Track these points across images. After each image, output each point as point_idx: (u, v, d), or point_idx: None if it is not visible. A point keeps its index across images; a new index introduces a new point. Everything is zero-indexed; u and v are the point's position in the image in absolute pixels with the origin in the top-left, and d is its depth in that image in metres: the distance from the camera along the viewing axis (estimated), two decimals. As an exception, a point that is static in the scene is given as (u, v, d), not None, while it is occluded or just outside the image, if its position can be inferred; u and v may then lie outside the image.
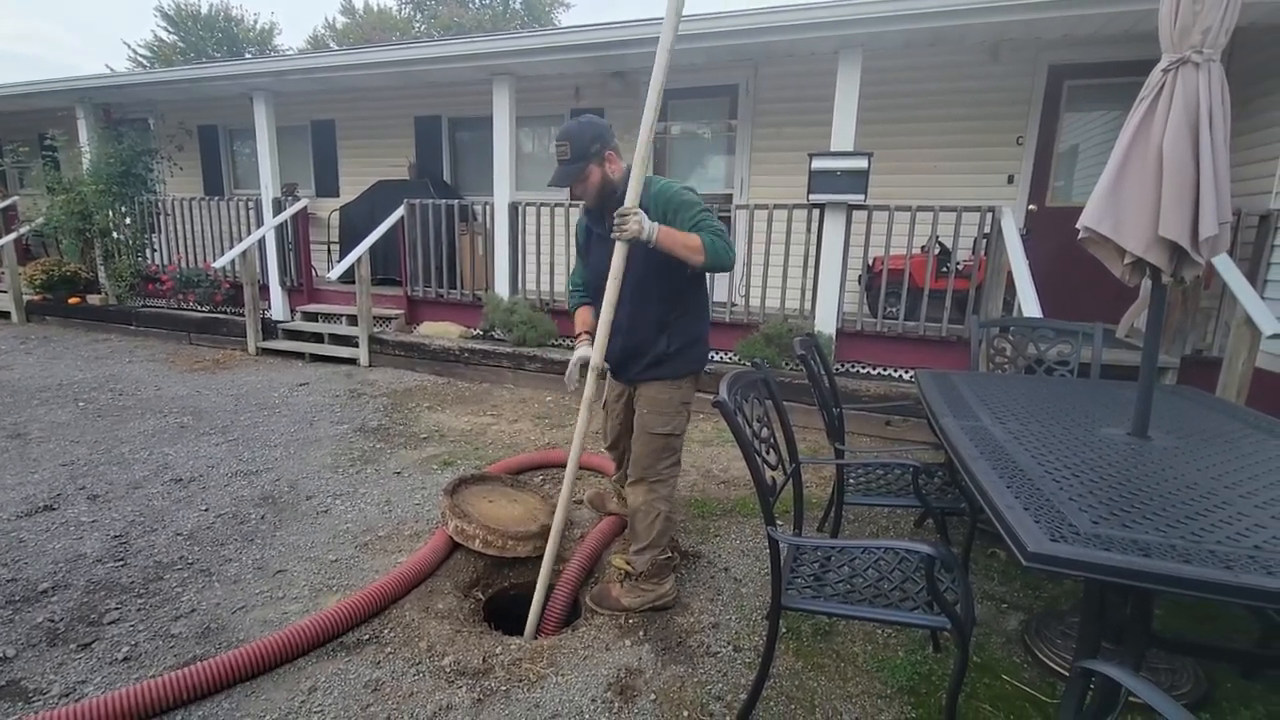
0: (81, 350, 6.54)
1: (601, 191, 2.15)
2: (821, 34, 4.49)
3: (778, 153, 6.17)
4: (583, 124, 2.10)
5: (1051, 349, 3.14)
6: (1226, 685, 1.99)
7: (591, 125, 2.10)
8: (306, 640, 2.04)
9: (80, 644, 2.10)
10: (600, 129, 2.10)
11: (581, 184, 2.13)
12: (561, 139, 2.08)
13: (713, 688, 1.96)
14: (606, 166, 2.12)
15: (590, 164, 2.09)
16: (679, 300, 2.26)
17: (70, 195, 7.44)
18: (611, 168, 2.13)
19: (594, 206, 2.23)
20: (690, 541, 2.85)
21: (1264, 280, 4.05)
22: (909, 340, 4.75)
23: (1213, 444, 1.96)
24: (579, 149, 2.07)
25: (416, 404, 4.90)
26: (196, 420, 4.38)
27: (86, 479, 3.40)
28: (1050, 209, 5.44)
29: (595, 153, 2.08)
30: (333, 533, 2.88)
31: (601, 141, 2.09)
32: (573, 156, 2.08)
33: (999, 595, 2.49)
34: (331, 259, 7.68)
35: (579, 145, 2.07)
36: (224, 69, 6.69)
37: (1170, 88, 1.78)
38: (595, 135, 2.08)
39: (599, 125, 2.11)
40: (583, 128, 2.09)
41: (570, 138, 2.07)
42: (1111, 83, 5.15)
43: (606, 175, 2.13)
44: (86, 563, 2.59)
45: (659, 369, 2.29)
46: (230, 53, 20.42)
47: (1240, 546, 1.25)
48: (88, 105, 7.67)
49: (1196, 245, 1.77)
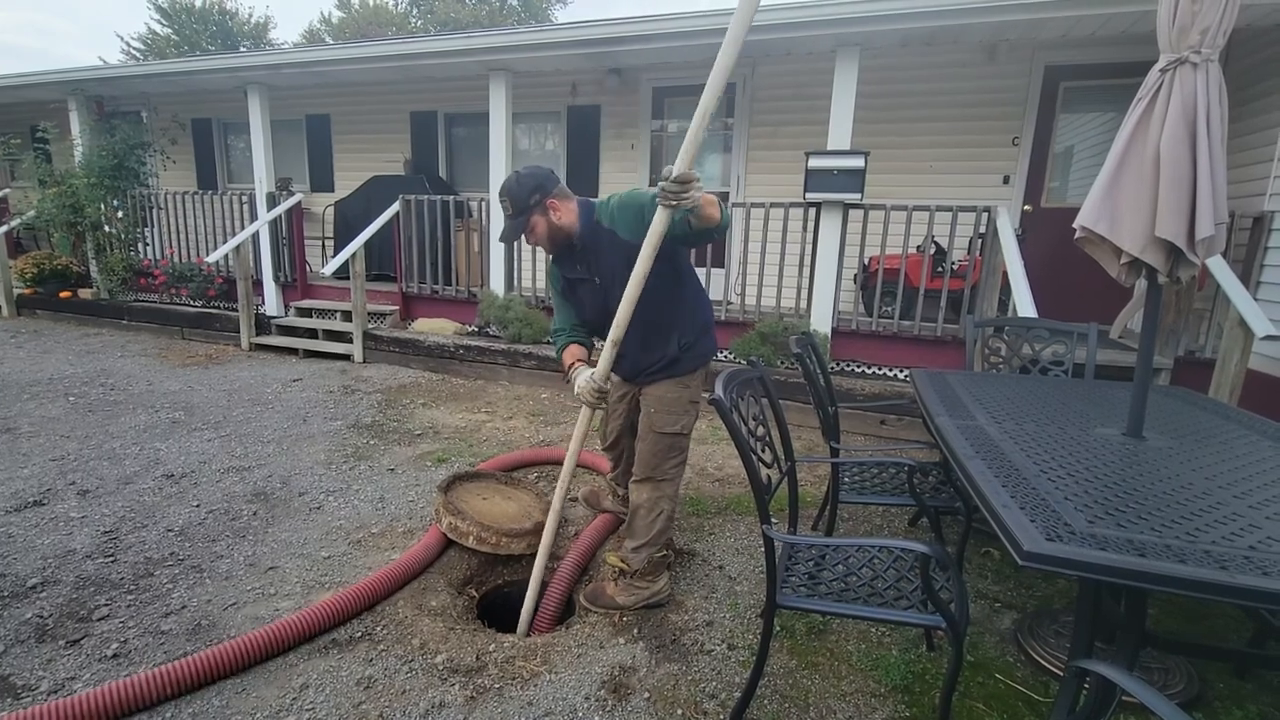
0: (73, 345, 6.49)
1: (553, 238, 2.18)
2: (819, 32, 4.48)
3: (774, 151, 6.17)
4: (521, 178, 2.12)
5: (1046, 349, 3.14)
6: (1219, 684, 2.00)
7: (530, 178, 2.12)
8: (292, 635, 2.03)
9: (69, 640, 2.08)
10: (538, 180, 2.12)
11: (530, 235, 2.17)
12: (502, 196, 2.12)
13: (707, 686, 1.95)
14: (551, 215, 2.14)
15: (532, 215, 2.12)
16: (677, 301, 2.26)
17: (62, 188, 7.38)
18: (556, 214, 2.14)
19: (553, 252, 2.27)
20: (685, 539, 2.85)
21: (1257, 282, 4.07)
22: (904, 339, 4.76)
23: (1207, 445, 1.96)
24: (519, 204, 2.10)
25: (411, 400, 4.88)
26: (188, 416, 4.35)
27: (77, 474, 3.37)
28: (1045, 210, 5.46)
29: (535, 204, 2.11)
30: (325, 529, 2.87)
31: (540, 191, 2.11)
32: (514, 212, 2.12)
33: (993, 594, 2.50)
34: (326, 254, 7.64)
35: (518, 200, 2.10)
36: (218, 62, 6.64)
37: (1168, 88, 1.78)
38: (534, 187, 2.10)
39: (537, 176, 2.13)
40: (520, 182, 2.11)
41: (509, 194, 2.11)
42: (1107, 84, 5.17)
43: (552, 222, 2.15)
44: (76, 558, 2.57)
45: (670, 369, 2.29)
46: (225, 46, 20.30)
47: (1235, 547, 1.25)
48: (80, 97, 7.61)
49: (1193, 246, 1.77)
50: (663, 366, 2.28)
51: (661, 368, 2.28)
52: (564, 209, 2.16)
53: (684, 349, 2.27)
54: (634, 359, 2.29)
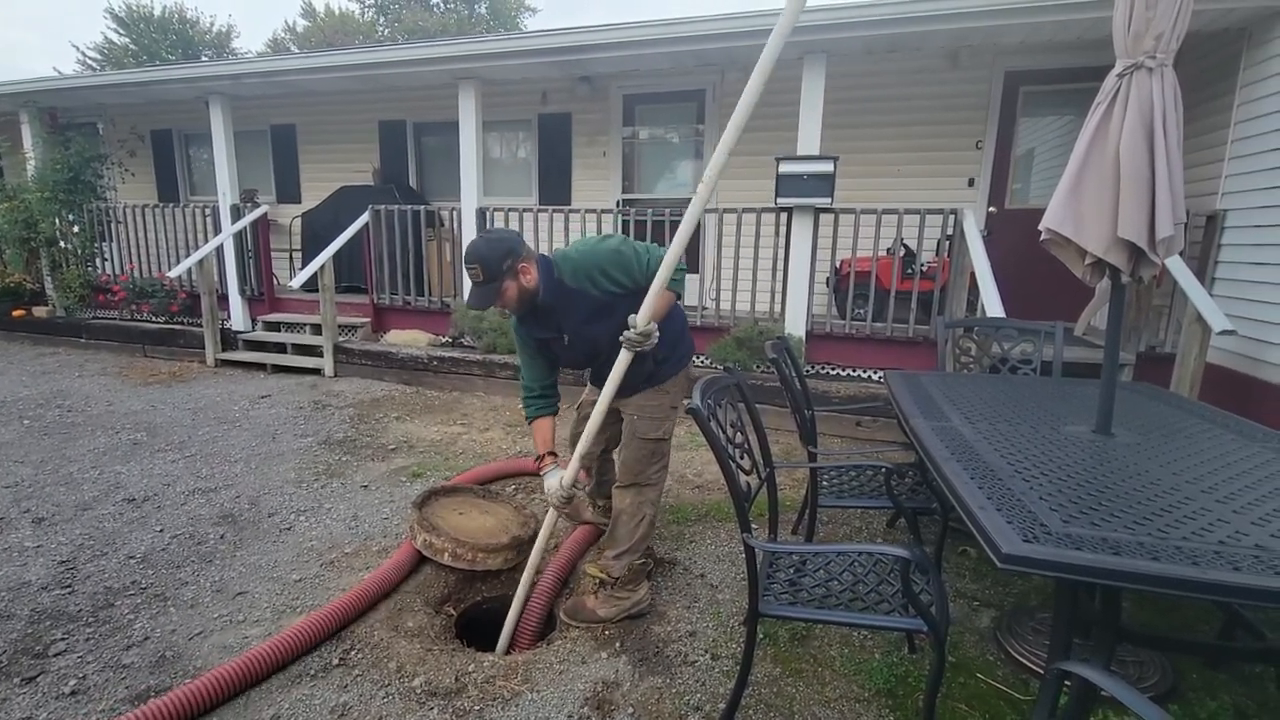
0: (27, 365, 6.25)
1: (522, 301, 2.16)
2: (785, 40, 4.52)
3: (745, 156, 6.15)
4: (491, 243, 2.09)
5: (1015, 348, 3.20)
6: (1192, 676, 2.04)
7: (501, 243, 2.09)
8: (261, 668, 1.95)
9: (24, 678, 1.98)
10: (509, 244, 2.10)
11: (500, 299, 2.14)
12: (471, 262, 2.07)
13: (691, 698, 1.93)
14: (521, 279, 2.12)
15: (505, 281, 2.10)
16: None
17: (14, 203, 7.12)
18: (526, 278, 2.13)
19: (518, 314, 2.26)
20: (666, 548, 2.83)
21: (1212, 278, 4.20)
22: (877, 341, 4.81)
23: (1173, 439, 2.00)
24: (491, 270, 2.07)
25: (384, 414, 4.78)
26: (151, 436, 4.21)
27: (31, 501, 3.23)
28: (1009, 211, 5.58)
29: (508, 269, 2.08)
30: (297, 551, 2.78)
31: (513, 256, 2.09)
32: (486, 278, 2.08)
33: (971, 593, 2.52)
34: (294, 266, 7.48)
35: (490, 266, 2.06)
36: (178, 72, 6.47)
37: (1125, 93, 1.82)
38: (506, 252, 2.08)
39: (507, 241, 2.10)
40: (491, 247, 2.08)
41: (480, 259, 2.06)
42: (1064, 88, 5.31)
43: (523, 286, 2.13)
44: (31, 590, 2.45)
45: (650, 381, 2.32)
46: (185, 56, 19.81)
47: (1205, 542, 1.27)
48: (32, 109, 7.35)
49: (1154, 245, 1.81)
50: (643, 381, 2.30)
51: (641, 382, 2.30)
52: (532, 272, 2.13)
53: (660, 362, 2.30)
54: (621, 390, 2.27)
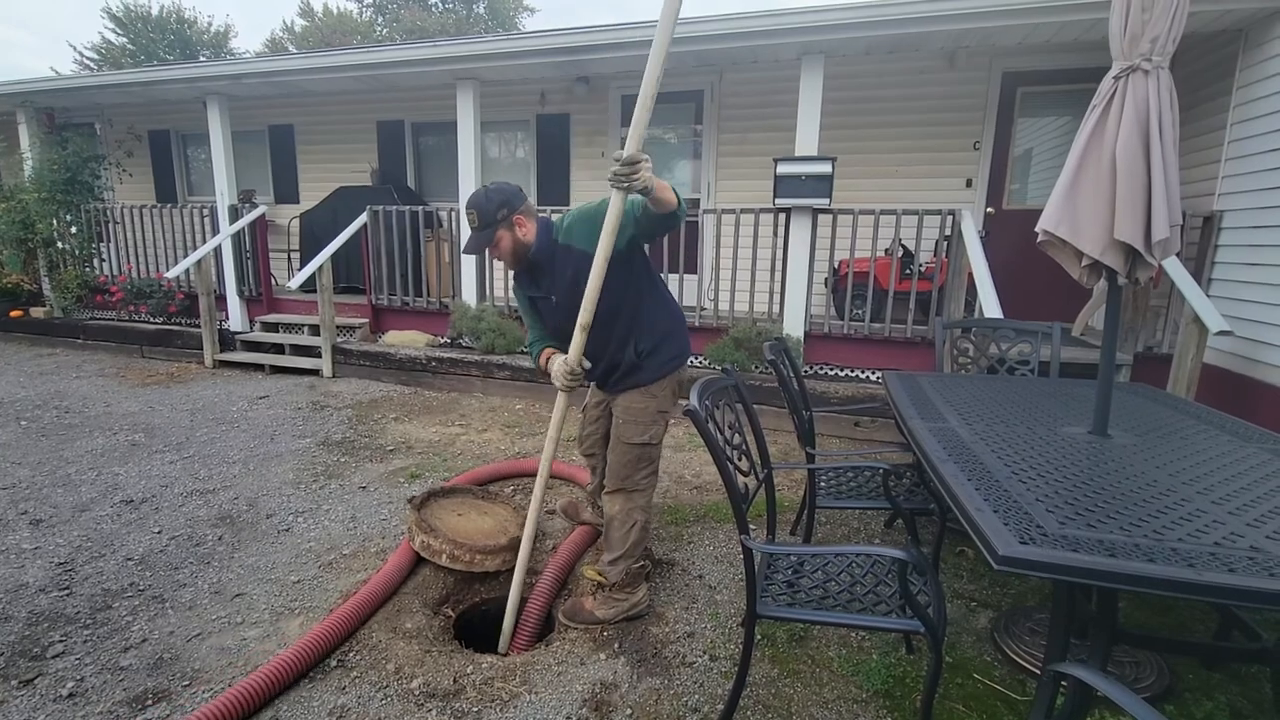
0: (24, 366, 6.23)
1: (516, 253, 2.19)
2: (784, 40, 4.54)
3: (744, 157, 6.22)
4: (490, 192, 2.14)
5: (1012, 348, 3.20)
6: (1189, 676, 2.04)
7: (499, 192, 2.13)
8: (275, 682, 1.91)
9: (22, 680, 1.98)
10: (506, 195, 2.13)
11: (495, 249, 2.18)
12: (470, 208, 2.12)
13: (689, 699, 1.94)
14: (516, 230, 2.15)
15: (499, 229, 2.13)
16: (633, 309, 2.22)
17: (11, 204, 7.10)
18: (521, 230, 2.16)
19: (514, 268, 2.28)
20: (664, 549, 2.83)
21: (1209, 279, 4.21)
22: (875, 342, 4.82)
23: (1169, 440, 2.01)
24: (486, 217, 2.11)
25: (382, 415, 4.78)
26: (149, 437, 4.20)
27: (29, 503, 3.22)
28: (1007, 211, 5.59)
29: (503, 218, 2.12)
30: (295, 552, 2.78)
31: (508, 207, 2.12)
32: (480, 224, 2.12)
33: (968, 593, 2.52)
34: (292, 267, 7.47)
35: (486, 213, 2.11)
36: (176, 72, 6.46)
37: (1121, 95, 1.83)
38: (501, 202, 2.12)
39: (505, 191, 2.14)
40: (489, 195, 2.12)
41: (477, 207, 2.11)
42: (1062, 89, 5.33)
43: (517, 238, 2.16)
44: (29, 592, 2.45)
45: (633, 377, 2.28)
46: (183, 56, 19.77)
47: (1201, 544, 1.28)
48: (29, 109, 7.35)
49: (1150, 247, 1.81)
50: (625, 374, 2.28)
51: (624, 375, 2.28)
52: (529, 226, 2.17)
53: (641, 355, 2.24)
54: (597, 366, 2.30)
